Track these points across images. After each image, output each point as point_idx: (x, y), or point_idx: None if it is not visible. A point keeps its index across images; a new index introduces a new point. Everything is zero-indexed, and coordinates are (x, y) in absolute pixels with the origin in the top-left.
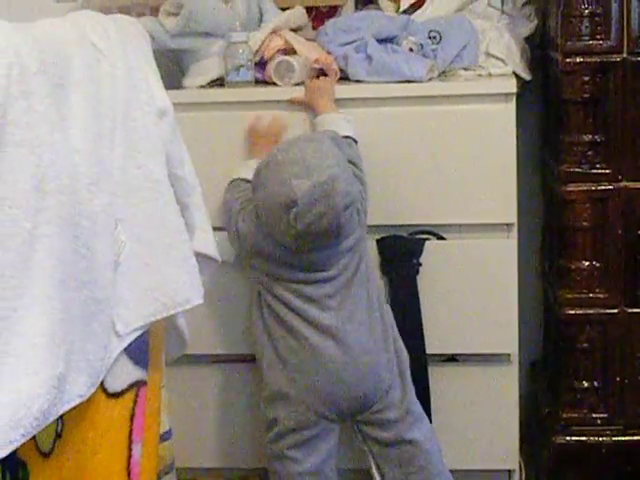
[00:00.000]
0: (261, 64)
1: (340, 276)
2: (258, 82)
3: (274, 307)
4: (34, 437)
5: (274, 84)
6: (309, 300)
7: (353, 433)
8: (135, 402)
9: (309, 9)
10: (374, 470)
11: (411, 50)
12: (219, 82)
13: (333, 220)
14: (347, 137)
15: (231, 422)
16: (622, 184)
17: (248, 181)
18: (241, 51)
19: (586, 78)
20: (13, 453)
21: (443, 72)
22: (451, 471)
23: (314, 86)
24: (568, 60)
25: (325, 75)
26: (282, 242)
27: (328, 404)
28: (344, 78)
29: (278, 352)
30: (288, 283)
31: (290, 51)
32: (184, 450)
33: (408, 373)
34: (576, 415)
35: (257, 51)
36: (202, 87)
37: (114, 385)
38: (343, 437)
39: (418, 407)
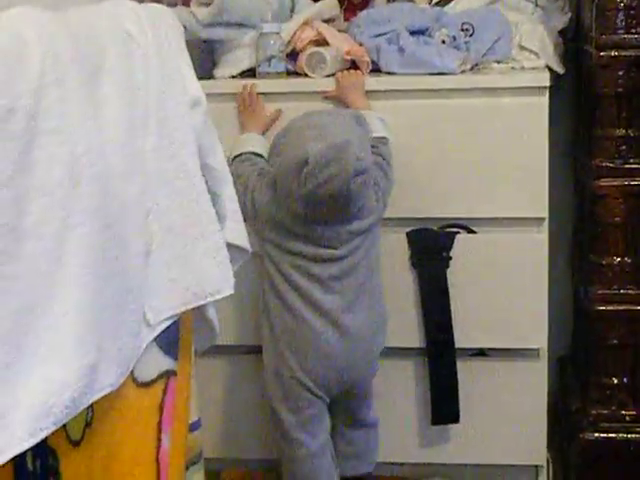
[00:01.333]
0: (293, 55)
1: (348, 258)
2: (290, 73)
3: (277, 285)
4: (64, 425)
5: (306, 75)
6: (314, 280)
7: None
8: (165, 392)
9: (341, 0)
10: None
11: (443, 42)
12: (251, 73)
13: (343, 184)
14: (383, 137)
15: (259, 413)
16: None
17: (255, 154)
18: (273, 42)
19: (620, 72)
20: (43, 441)
21: (476, 65)
22: (478, 466)
23: (345, 81)
24: (602, 54)
25: (356, 67)
26: (293, 209)
27: (320, 385)
28: (376, 70)
29: (273, 331)
30: (296, 258)
31: (322, 42)
32: (211, 440)
33: None
34: (605, 411)
35: (289, 42)
36: (233, 77)
37: (144, 375)
38: None
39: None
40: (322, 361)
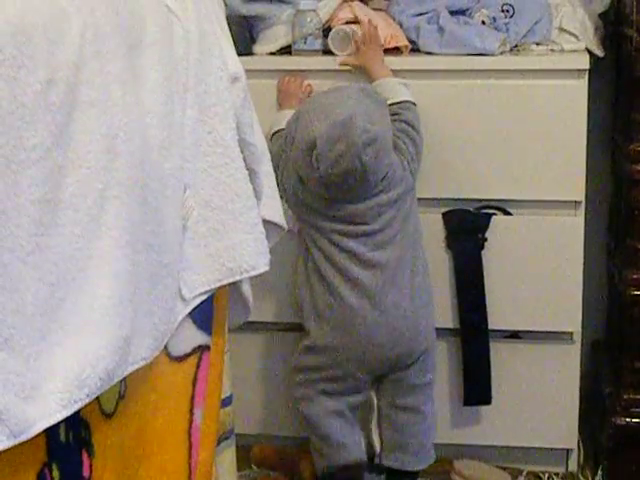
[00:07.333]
0: (328, 33)
1: (383, 232)
2: (327, 52)
3: (318, 263)
4: (97, 398)
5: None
6: (352, 256)
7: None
8: (198, 367)
9: None
10: (374, 434)
11: (483, 23)
12: (289, 50)
13: (354, 158)
14: (406, 102)
15: (289, 390)
16: None
17: None
18: (309, 19)
19: None
20: (77, 413)
21: (515, 46)
22: (509, 448)
23: (366, 54)
24: None
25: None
26: (315, 191)
27: (358, 364)
28: (415, 50)
29: (317, 306)
30: (332, 235)
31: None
32: (243, 416)
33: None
34: (637, 396)
35: (328, 20)
36: (272, 54)
37: (178, 349)
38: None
39: (433, 379)
40: (360, 339)
